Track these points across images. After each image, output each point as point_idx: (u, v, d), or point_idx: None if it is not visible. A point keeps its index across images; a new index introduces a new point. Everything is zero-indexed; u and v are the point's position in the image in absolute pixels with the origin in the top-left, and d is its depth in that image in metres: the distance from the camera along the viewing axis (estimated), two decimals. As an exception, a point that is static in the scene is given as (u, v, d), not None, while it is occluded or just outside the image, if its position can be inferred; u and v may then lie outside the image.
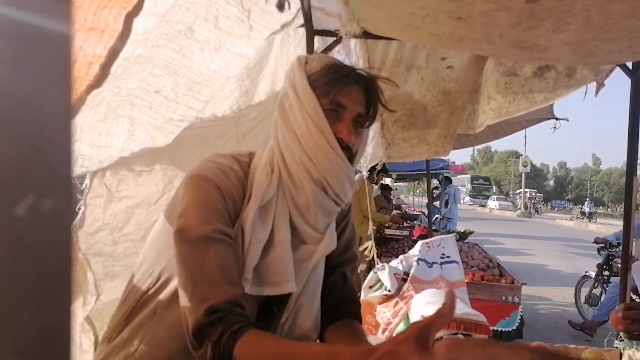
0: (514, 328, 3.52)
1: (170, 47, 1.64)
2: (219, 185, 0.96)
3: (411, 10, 1.73)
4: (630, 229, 2.61)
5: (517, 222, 23.81)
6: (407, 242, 5.74)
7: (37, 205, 0.25)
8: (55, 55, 0.26)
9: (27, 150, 0.26)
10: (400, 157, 3.45)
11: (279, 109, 1.05)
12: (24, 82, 0.26)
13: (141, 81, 1.62)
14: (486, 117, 3.22)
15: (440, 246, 2.99)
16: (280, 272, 0.98)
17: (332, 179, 1.00)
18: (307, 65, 1.04)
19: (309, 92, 0.99)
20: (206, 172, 0.98)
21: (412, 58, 2.85)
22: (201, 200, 0.94)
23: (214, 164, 1.01)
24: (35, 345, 0.26)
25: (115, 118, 1.61)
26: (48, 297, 0.26)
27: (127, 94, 1.60)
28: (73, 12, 0.26)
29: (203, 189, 0.95)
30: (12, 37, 0.25)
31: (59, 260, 0.26)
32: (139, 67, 1.55)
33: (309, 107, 0.99)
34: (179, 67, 1.72)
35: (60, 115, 0.26)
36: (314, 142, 0.98)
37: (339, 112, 1.01)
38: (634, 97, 2.53)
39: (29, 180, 0.26)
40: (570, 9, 1.47)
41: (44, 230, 0.26)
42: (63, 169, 0.26)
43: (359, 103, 1.03)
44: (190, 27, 1.65)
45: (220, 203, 0.95)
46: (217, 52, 1.77)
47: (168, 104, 1.76)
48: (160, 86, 1.70)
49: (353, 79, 1.02)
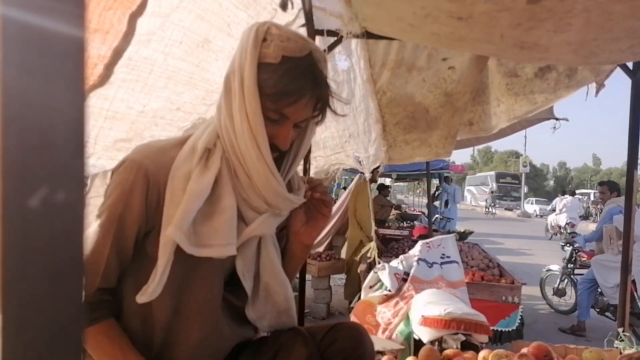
0: (514, 328, 3.53)
1: (190, 61, 1.65)
2: (146, 168, 0.94)
3: (412, 10, 1.74)
4: (630, 228, 2.61)
5: (517, 222, 23.81)
6: (407, 242, 5.74)
7: (50, 199, 0.26)
8: (67, 55, 0.27)
9: (40, 144, 0.26)
10: (402, 159, 3.45)
11: (225, 86, 0.98)
12: (36, 81, 0.26)
13: (165, 100, 1.63)
14: (499, 119, 3.22)
15: (441, 246, 3.00)
16: (222, 235, 0.96)
17: (259, 184, 0.98)
18: (264, 45, 0.93)
19: (254, 91, 0.92)
20: (139, 157, 0.96)
21: (413, 59, 2.85)
22: (121, 187, 0.94)
23: (153, 149, 0.99)
24: (47, 337, 0.26)
25: (139, 140, 1.62)
26: (60, 290, 0.27)
27: (153, 114, 1.61)
28: (87, 16, 0.26)
29: (126, 175, 0.94)
30: (28, 38, 0.26)
31: (71, 253, 0.27)
32: (161, 83, 1.56)
33: (250, 108, 0.93)
34: (198, 81, 1.73)
35: (73, 111, 0.27)
36: (245, 144, 0.94)
37: (281, 120, 0.96)
38: (634, 97, 2.54)
39: (41, 174, 0.26)
40: (571, 10, 1.47)
41: (56, 223, 0.26)
42: (75, 163, 0.27)
43: (305, 111, 0.98)
44: (207, 38, 1.65)
45: (141, 188, 0.94)
46: (230, 59, 1.78)
47: (185, 117, 1.78)
48: (181, 102, 1.72)
49: (306, 91, 0.95)
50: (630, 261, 2.61)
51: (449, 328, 2.02)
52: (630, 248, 2.60)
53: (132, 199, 0.94)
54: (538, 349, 1.87)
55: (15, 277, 0.25)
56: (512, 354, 1.85)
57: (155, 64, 1.51)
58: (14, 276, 0.25)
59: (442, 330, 2.03)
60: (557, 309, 5.84)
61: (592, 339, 4.57)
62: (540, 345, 1.89)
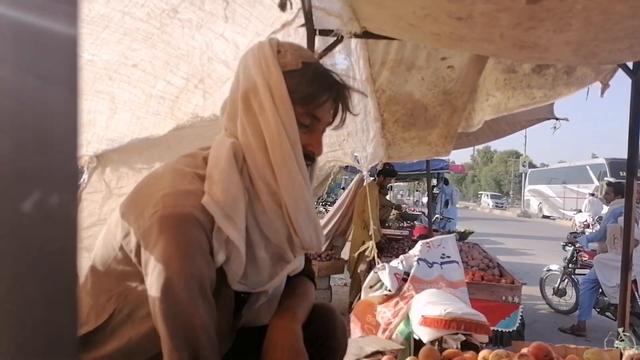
0: (514, 328, 3.52)
1: (151, 23, 1.63)
2: (199, 219, 0.84)
3: (412, 10, 1.74)
4: (630, 228, 2.61)
5: (517, 222, 23.79)
6: (407, 242, 5.74)
7: (43, 202, 0.26)
8: (61, 54, 0.26)
9: (33, 144, 0.26)
10: (401, 157, 3.45)
11: (244, 104, 0.93)
12: (29, 80, 0.26)
13: (119, 54, 1.62)
14: (484, 113, 3.22)
15: (441, 246, 2.99)
16: (259, 280, 0.98)
17: (290, 202, 0.92)
18: (280, 57, 0.93)
19: (288, 101, 0.90)
20: (183, 209, 0.84)
21: (412, 58, 2.85)
22: (181, 243, 0.83)
23: (183, 193, 0.87)
24: (41, 339, 0.26)
25: (94, 94, 1.61)
26: (53, 294, 0.26)
27: (104, 66, 1.60)
28: (80, 14, 0.26)
29: (184, 231, 0.83)
30: (18, 38, 0.26)
31: (64, 256, 0.26)
32: (115, 38, 1.55)
33: (285, 116, 0.90)
34: (157, 42, 1.71)
35: (66, 111, 0.27)
36: (282, 157, 0.90)
37: (312, 124, 0.96)
38: (635, 97, 2.53)
39: (34, 177, 0.26)
40: (571, 10, 1.47)
41: (49, 226, 0.26)
42: (68, 166, 0.27)
43: (331, 114, 0.99)
44: (175, 9, 1.64)
45: (203, 241, 0.85)
46: (198, 30, 1.77)
47: (146, 78, 1.75)
48: (138, 59, 1.70)
49: (334, 93, 0.96)
50: (630, 260, 2.61)
51: (449, 328, 2.02)
52: (630, 248, 2.59)
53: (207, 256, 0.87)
54: (538, 349, 1.86)
55: (8, 281, 0.25)
56: (512, 354, 1.85)
57: (112, 21, 1.52)
58: (6, 279, 0.25)
59: (442, 330, 2.03)
60: (557, 309, 5.85)
61: (592, 339, 4.57)
62: (541, 345, 1.89)
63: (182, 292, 0.82)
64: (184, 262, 0.83)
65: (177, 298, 0.82)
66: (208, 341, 0.84)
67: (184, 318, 0.82)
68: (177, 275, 0.82)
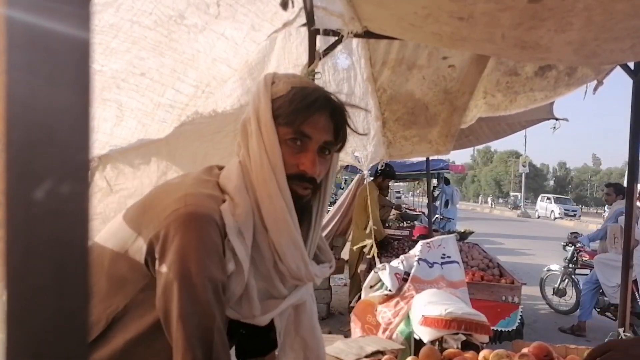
0: (514, 328, 3.53)
1: (159, 30, 1.64)
2: (218, 223, 0.86)
3: (413, 10, 1.74)
4: (630, 228, 2.61)
5: (517, 222, 23.80)
6: (407, 242, 5.74)
7: (54, 191, 0.26)
8: (74, 53, 0.27)
9: (45, 140, 0.26)
10: (402, 156, 3.46)
11: (241, 131, 0.99)
12: (42, 76, 0.26)
13: (127, 63, 1.63)
14: (478, 110, 3.22)
15: (441, 246, 2.99)
16: (250, 310, 0.95)
17: (271, 225, 0.92)
18: (274, 87, 0.97)
19: (270, 124, 0.93)
20: (205, 210, 0.86)
21: (413, 57, 2.86)
22: (201, 243, 0.84)
23: (205, 196, 0.90)
24: (53, 329, 0.26)
25: (101, 102, 1.62)
26: (65, 283, 0.27)
27: (112, 75, 1.60)
28: (92, 17, 0.26)
29: (205, 231, 0.85)
30: (33, 38, 0.26)
31: (76, 245, 0.27)
32: (124, 47, 1.56)
33: (267, 140, 0.93)
34: (165, 49, 1.71)
35: (78, 107, 0.27)
36: (263, 179, 0.92)
37: (303, 142, 0.95)
38: (636, 98, 2.53)
39: (46, 167, 0.26)
40: (572, 9, 1.47)
41: (61, 215, 0.26)
42: (80, 155, 0.27)
43: (325, 131, 0.98)
44: (182, 14, 1.65)
45: (220, 246, 0.86)
46: (201, 32, 1.77)
47: (154, 87, 1.76)
48: (146, 68, 1.70)
49: (320, 107, 0.95)
50: (631, 259, 2.61)
51: (449, 328, 2.02)
52: (630, 248, 2.60)
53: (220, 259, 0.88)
54: (539, 348, 1.86)
55: (20, 271, 0.25)
56: (512, 353, 1.85)
57: (121, 30, 1.53)
58: (19, 269, 0.25)
59: (442, 330, 2.03)
60: (557, 309, 5.86)
61: (592, 339, 4.58)
62: (541, 345, 1.89)
63: (201, 292, 0.83)
64: (203, 263, 0.84)
65: (197, 298, 0.82)
66: (221, 343, 0.85)
67: (202, 318, 0.83)
68: (196, 275, 0.82)
